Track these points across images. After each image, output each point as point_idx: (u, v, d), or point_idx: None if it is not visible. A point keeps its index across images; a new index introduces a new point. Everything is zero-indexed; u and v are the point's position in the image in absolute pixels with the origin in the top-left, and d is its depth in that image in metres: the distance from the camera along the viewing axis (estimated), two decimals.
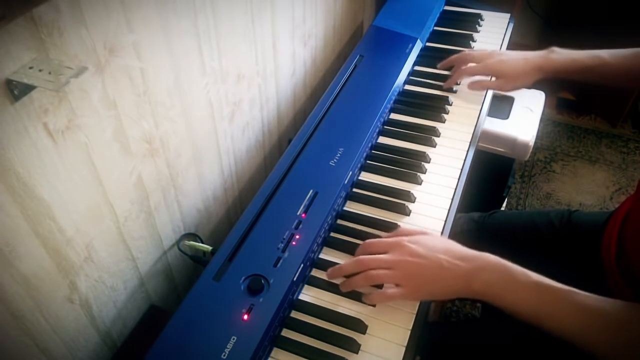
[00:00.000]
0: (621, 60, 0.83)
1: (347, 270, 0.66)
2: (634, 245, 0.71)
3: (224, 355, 0.56)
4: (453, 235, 0.73)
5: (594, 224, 0.85)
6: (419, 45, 1.06)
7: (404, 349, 0.61)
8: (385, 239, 0.68)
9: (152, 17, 0.60)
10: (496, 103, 1.25)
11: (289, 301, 0.64)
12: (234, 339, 0.57)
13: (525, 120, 1.22)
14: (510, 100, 1.27)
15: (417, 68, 1.04)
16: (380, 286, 0.65)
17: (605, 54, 0.84)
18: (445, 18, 1.19)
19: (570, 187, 1.78)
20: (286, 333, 0.63)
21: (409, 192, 0.79)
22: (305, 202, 0.72)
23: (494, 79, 0.95)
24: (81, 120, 0.54)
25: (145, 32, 0.59)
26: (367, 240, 0.69)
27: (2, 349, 0.53)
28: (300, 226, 0.69)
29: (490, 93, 0.99)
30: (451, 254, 0.62)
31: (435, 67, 1.04)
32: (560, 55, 0.88)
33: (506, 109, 1.25)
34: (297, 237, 0.68)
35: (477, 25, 1.16)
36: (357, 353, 0.60)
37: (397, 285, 0.63)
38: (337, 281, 0.67)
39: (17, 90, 0.45)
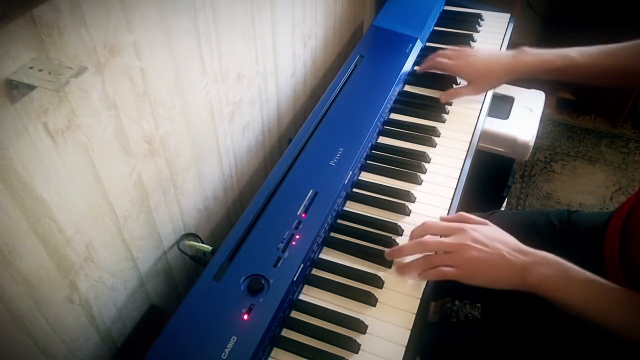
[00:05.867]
0: (590, 59, 0.83)
1: (408, 251, 0.68)
2: (637, 245, 0.71)
3: (224, 355, 0.56)
4: None
5: (594, 224, 0.85)
6: (419, 45, 1.06)
7: (404, 349, 0.61)
8: (446, 222, 0.69)
9: (152, 17, 0.60)
10: (496, 103, 1.24)
11: (289, 301, 0.64)
12: (234, 339, 0.57)
13: (525, 120, 1.22)
14: (510, 100, 1.27)
15: (417, 68, 1.04)
16: None
17: (575, 54, 0.84)
18: (445, 18, 1.19)
19: (570, 187, 1.78)
20: (286, 333, 0.63)
21: (409, 192, 0.79)
22: (305, 202, 0.72)
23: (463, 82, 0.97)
24: (81, 120, 0.54)
25: (145, 32, 0.59)
26: (427, 222, 0.70)
27: (2, 348, 0.53)
28: (300, 226, 0.69)
29: (490, 93, 0.99)
30: (510, 246, 0.65)
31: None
32: (530, 56, 0.88)
33: (506, 109, 1.25)
34: (297, 237, 0.68)
35: (477, 25, 1.16)
36: (357, 353, 0.60)
37: (453, 267, 0.65)
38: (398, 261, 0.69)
39: (17, 90, 0.45)
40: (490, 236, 0.66)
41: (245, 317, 0.60)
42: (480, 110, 0.95)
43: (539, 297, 0.61)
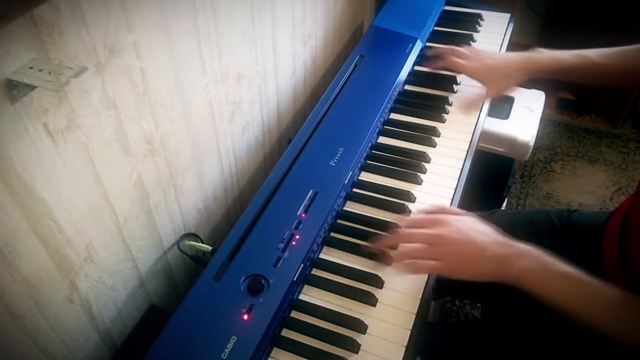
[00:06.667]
0: (608, 59, 0.83)
1: (391, 242, 0.69)
2: (635, 244, 0.71)
3: (224, 355, 0.56)
4: None
5: (594, 223, 0.85)
6: (419, 45, 1.06)
7: (404, 349, 0.61)
8: (428, 215, 0.70)
9: (152, 17, 0.60)
10: (496, 103, 1.24)
11: (289, 301, 0.64)
12: (234, 339, 0.57)
13: (525, 120, 1.22)
14: (510, 100, 1.27)
15: (417, 68, 1.04)
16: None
17: (591, 53, 0.84)
18: (445, 18, 1.19)
19: (570, 187, 1.77)
20: (286, 333, 0.63)
21: (409, 192, 0.79)
22: (305, 202, 0.72)
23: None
24: (81, 120, 0.54)
25: (145, 32, 0.59)
26: (409, 217, 0.71)
27: (2, 348, 0.53)
28: (300, 226, 0.69)
29: None
30: (492, 238, 0.64)
31: (435, 68, 1.03)
32: (545, 55, 0.88)
33: (506, 109, 1.25)
34: (297, 237, 0.68)
35: (477, 25, 1.16)
36: (357, 353, 0.60)
37: (436, 260, 0.65)
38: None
39: (17, 90, 0.45)
40: (472, 227, 0.66)
41: (245, 317, 0.60)
42: (480, 110, 0.95)
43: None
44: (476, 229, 0.66)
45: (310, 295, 0.67)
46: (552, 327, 0.76)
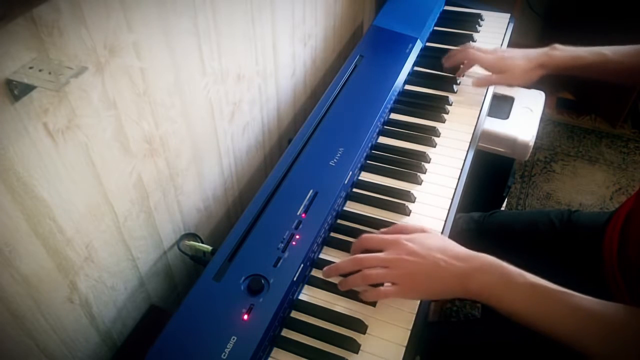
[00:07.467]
0: (623, 58, 0.83)
1: (344, 268, 0.66)
2: (636, 246, 0.71)
3: (224, 355, 0.56)
4: (453, 235, 0.73)
5: (594, 224, 0.85)
6: (419, 45, 1.06)
7: (404, 349, 0.61)
8: (382, 235, 0.67)
9: (152, 17, 0.60)
10: (496, 103, 1.25)
11: (289, 301, 0.64)
12: (234, 339, 0.57)
13: (525, 120, 1.22)
14: (510, 100, 1.27)
15: (417, 68, 1.04)
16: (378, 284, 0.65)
17: (607, 51, 0.84)
18: (445, 18, 1.19)
19: (570, 187, 1.78)
20: (286, 333, 0.63)
21: (409, 192, 0.79)
22: (305, 202, 0.72)
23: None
24: (81, 120, 0.54)
25: (145, 32, 0.59)
26: (363, 235, 0.68)
27: (2, 349, 0.53)
28: (300, 226, 0.69)
29: (490, 93, 0.99)
30: (448, 254, 0.62)
31: (435, 68, 1.03)
32: (562, 52, 0.88)
33: (506, 109, 1.25)
34: (297, 237, 0.68)
35: (477, 25, 1.16)
36: (357, 353, 0.60)
37: (393, 283, 0.63)
38: (333, 280, 0.67)
39: (17, 90, 0.45)
40: (426, 245, 0.63)
41: (245, 317, 0.60)
42: (480, 110, 0.95)
43: None
44: (431, 246, 0.63)
45: (310, 295, 0.67)
46: None
